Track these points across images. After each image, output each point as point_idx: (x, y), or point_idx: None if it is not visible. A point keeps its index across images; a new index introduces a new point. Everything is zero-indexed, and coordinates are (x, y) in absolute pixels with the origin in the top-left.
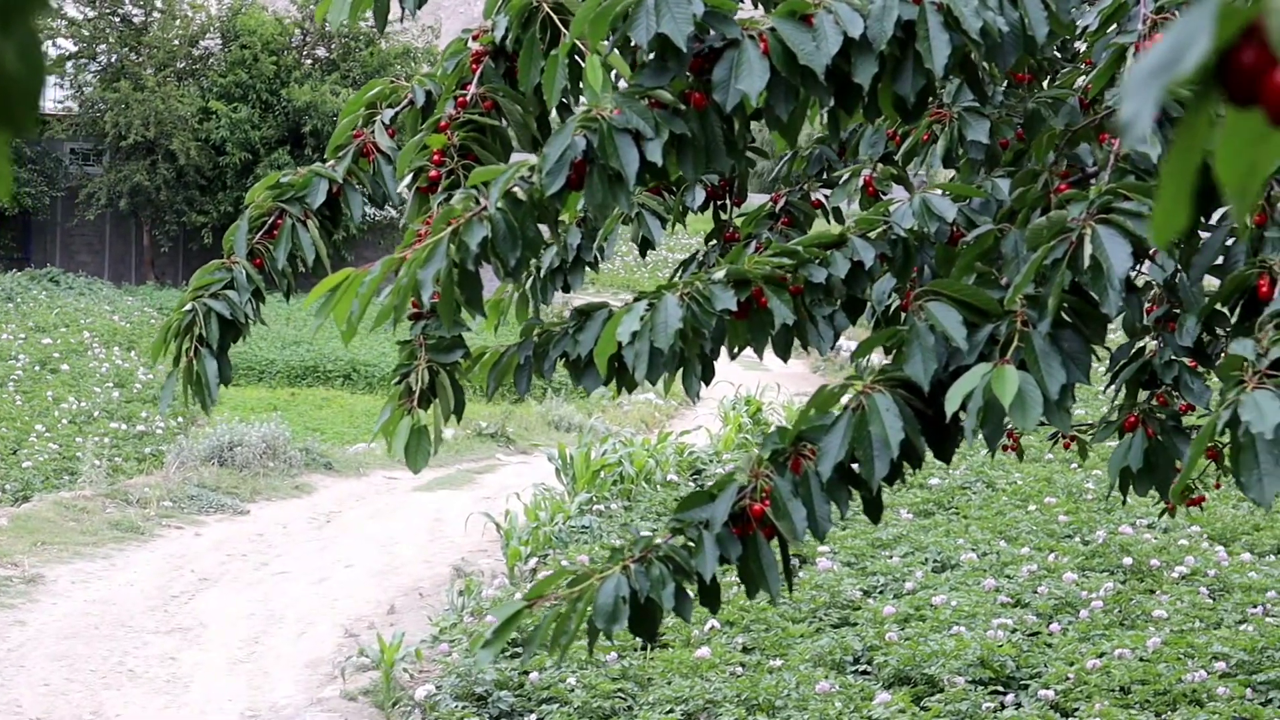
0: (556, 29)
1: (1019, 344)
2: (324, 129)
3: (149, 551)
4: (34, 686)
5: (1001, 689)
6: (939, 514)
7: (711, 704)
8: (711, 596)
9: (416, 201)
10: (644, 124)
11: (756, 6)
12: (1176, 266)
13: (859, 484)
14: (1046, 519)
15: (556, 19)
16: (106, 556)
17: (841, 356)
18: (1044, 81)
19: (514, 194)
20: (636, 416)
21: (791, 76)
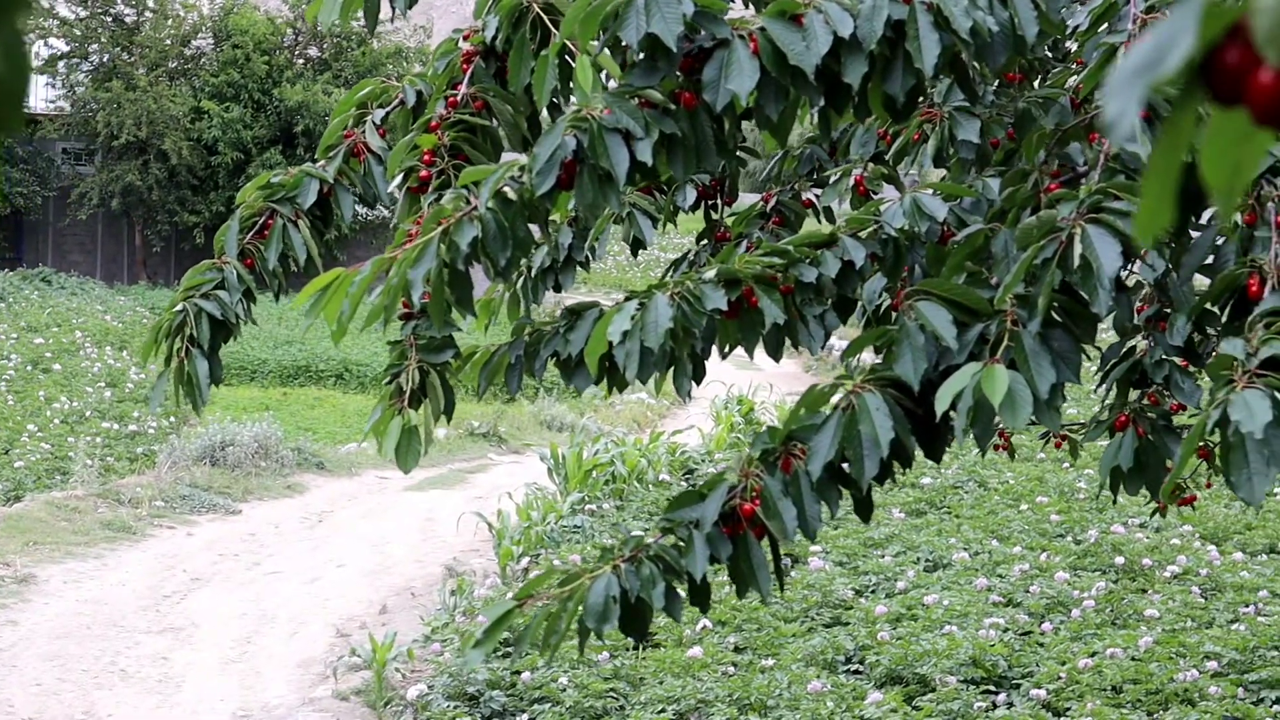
0: (547, 29)
1: (1009, 343)
2: (316, 129)
3: (141, 551)
4: (26, 686)
5: (993, 688)
6: (931, 513)
7: (703, 703)
8: (702, 596)
9: (407, 201)
10: (634, 124)
11: (747, 6)
12: (1167, 266)
13: (849, 483)
14: (1038, 518)
15: (546, 19)
16: (98, 556)
17: (834, 356)
18: (1035, 81)
19: (504, 194)
20: (629, 416)
21: (781, 76)
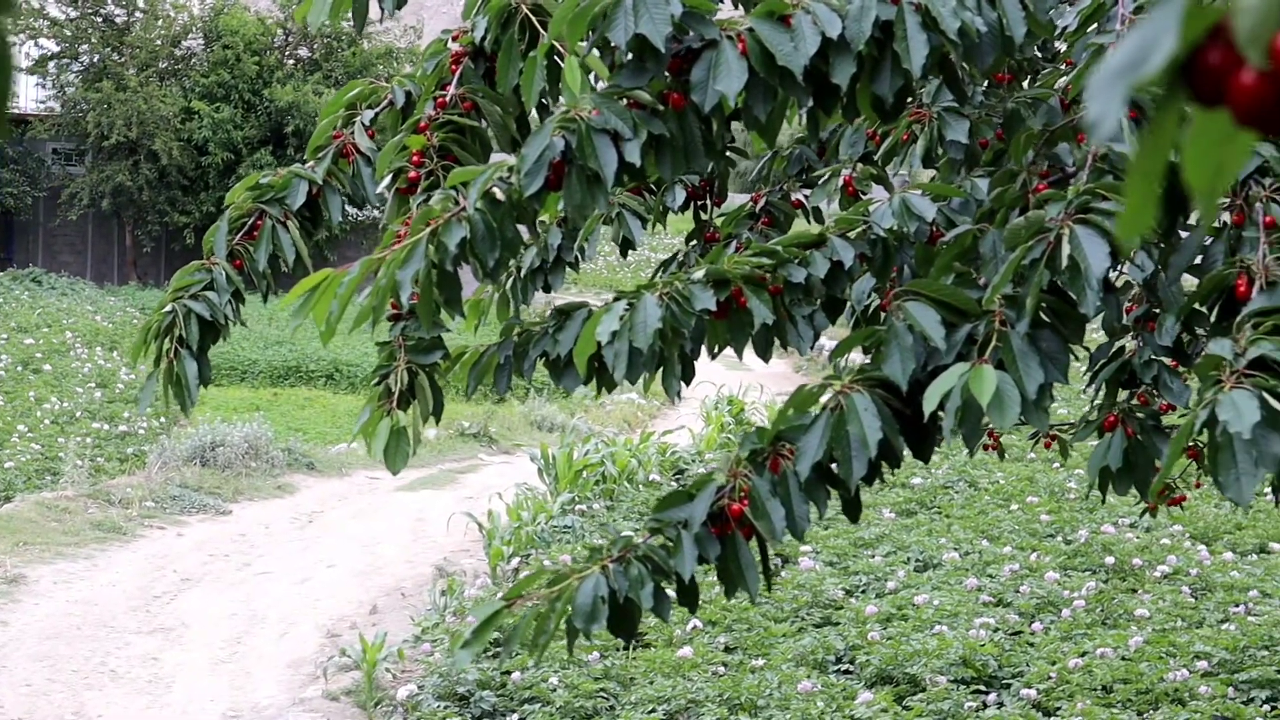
0: (535, 30)
1: (997, 344)
2: (306, 129)
3: (131, 552)
4: (15, 687)
5: (984, 688)
6: (921, 513)
7: (694, 703)
8: (690, 596)
9: (396, 202)
10: (622, 124)
11: (736, 7)
12: (1155, 266)
13: (837, 484)
14: (1028, 518)
15: (535, 20)
16: (89, 557)
17: (823, 356)
18: (1024, 82)
19: (493, 194)
20: (619, 416)
21: (770, 77)
